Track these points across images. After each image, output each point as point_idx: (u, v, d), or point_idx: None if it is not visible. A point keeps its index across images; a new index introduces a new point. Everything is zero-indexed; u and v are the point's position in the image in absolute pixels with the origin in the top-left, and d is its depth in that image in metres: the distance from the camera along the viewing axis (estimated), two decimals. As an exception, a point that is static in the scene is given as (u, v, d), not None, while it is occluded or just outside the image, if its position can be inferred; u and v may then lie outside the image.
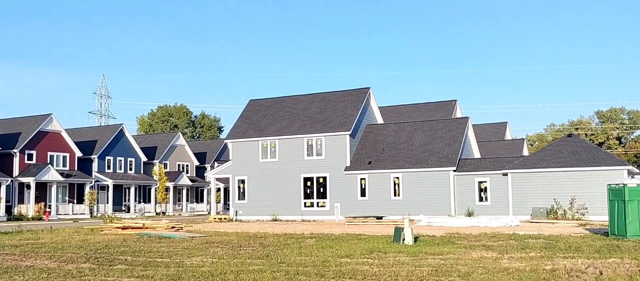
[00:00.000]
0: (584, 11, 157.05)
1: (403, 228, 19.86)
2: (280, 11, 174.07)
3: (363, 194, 40.72)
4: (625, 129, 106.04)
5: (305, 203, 42.34)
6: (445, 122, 42.56)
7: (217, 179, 57.09)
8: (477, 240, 21.27)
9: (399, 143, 41.87)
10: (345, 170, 41.15)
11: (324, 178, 41.90)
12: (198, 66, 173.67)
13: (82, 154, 56.69)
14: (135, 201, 61.95)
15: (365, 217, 34.25)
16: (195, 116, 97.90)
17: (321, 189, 42.02)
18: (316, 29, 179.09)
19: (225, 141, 47.64)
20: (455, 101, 52.08)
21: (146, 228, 26.97)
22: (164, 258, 15.84)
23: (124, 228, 27.56)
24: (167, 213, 64.04)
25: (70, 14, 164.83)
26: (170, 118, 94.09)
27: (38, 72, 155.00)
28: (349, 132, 41.32)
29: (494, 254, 15.98)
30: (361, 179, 40.85)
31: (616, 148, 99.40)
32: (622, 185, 20.73)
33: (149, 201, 63.35)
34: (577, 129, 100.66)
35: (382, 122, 46.38)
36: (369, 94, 44.92)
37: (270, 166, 43.55)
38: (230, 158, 45.42)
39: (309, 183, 42.37)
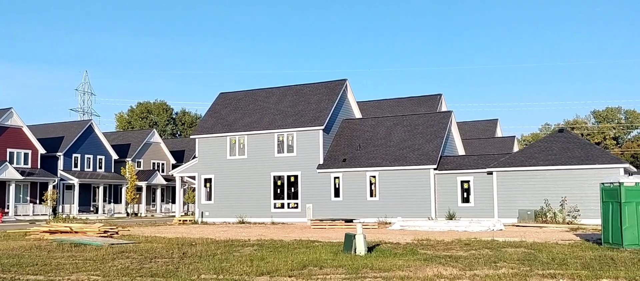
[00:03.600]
0: (580, 8, 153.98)
1: (355, 235, 16.54)
2: (267, 8, 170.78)
3: (337, 194, 37.38)
4: (622, 129, 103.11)
5: (275, 204, 38.99)
6: (427, 117, 39.19)
7: (191, 178, 53.64)
8: (447, 248, 18.00)
9: (376, 139, 38.54)
10: (318, 168, 37.82)
11: (296, 177, 38.55)
12: (183, 63, 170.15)
13: (45, 151, 53.30)
14: (105, 201, 58.58)
15: (333, 220, 30.95)
16: (176, 113, 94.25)
17: (292, 189, 38.67)
18: (302, 24, 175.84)
19: (191, 137, 44.27)
20: (440, 95, 48.67)
21: (74, 232, 23.71)
22: (36, 275, 12.53)
23: (51, 232, 24.29)
24: (139, 214, 60.72)
25: (50, 11, 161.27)
26: (150, 115, 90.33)
27: (16, 68, 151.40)
28: (322, 127, 38.00)
29: (455, 270, 12.70)
30: (335, 178, 37.52)
31: (613, 148, 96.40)
32: (618, 184, 17.43)
33: (120, 202, 59.91)
34: (572, 128, 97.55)
35: (361, 117, 43.03)
36: (346, 86, 41.58)
37: (238, 163, 40.20)
38: (197, 155, 42.07)
39: (279, 182, 39.04)
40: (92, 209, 57.64)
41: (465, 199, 34.50)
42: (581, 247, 17.85)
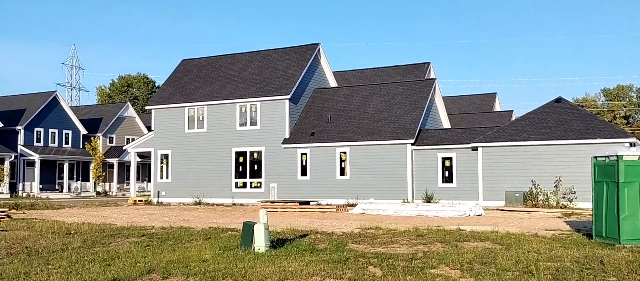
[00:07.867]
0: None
1: (254, 225, 12.23)
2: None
3: (304, 172, 33.06)
4: (634, 108, 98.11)
5: (236, 183, 34.72)
6: (406, 86, 34.57)
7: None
8: (390, 241, 13.74)
9: (349, 110, 34.08)
10: (283, 143, 33.48)
11: (259, 153, 34.25)
12: (178, 36, 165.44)
13: (3, 125, 49.24)
14: (71, 179, 54.61)
15: (286, 202, 26.67)
16: (158, 87, 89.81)
17: (255, 167, 34.39)
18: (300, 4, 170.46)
19: (147, 107, 39.93)
20: (428, 64, 43.88)
21: (-46, 215, 19.64)
22: None
23: None
24: (110, 193, 56.85)
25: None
26: (130, 89, 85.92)
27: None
28: (289, 97, 33.57)
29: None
30: (302, 154, 33.16)
31: (624, 128, 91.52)
32: (615, 158, 12.99)
33: (88, 180, 55.93)
34: (582, 107, 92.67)
35: (336, 86, 38.51)
36: (319, 51, 37.03)
37: (197, 138, 35.93)
38: (153, 128, 37.80)
39: (241, 159, 34.75)
40: (57, 187, 53.70)
41: (447, 179, 30.06)
42: (565, 241, 13.48)
